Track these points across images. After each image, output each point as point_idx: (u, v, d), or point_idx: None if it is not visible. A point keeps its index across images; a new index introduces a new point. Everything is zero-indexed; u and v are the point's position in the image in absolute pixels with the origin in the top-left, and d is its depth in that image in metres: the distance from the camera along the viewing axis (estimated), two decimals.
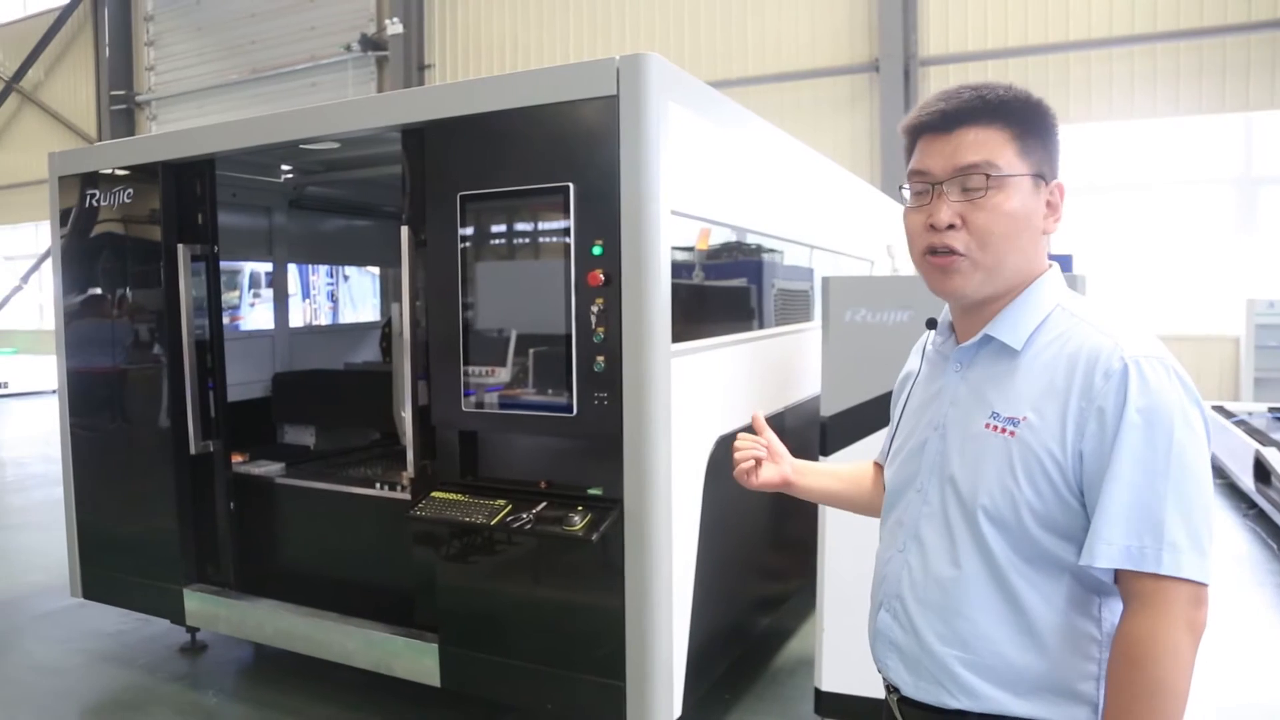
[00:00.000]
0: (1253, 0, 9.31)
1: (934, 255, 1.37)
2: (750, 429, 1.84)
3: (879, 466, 1.78)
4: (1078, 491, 1.29)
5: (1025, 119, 1.35)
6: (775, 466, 1.77)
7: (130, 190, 4.12)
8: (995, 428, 1.34)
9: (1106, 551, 1.23)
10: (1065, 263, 4.36)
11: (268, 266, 5.56)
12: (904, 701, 1.47)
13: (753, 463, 1.76)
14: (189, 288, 3.99)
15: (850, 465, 1.90)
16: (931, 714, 1.42)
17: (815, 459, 3.51)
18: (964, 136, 1.34)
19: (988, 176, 1.32)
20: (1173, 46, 9.63)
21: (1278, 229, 9.97)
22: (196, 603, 4.09)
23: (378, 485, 3.90)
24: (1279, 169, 9.98)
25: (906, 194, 1.42)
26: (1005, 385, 1.36)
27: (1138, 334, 1.30)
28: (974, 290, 1.37)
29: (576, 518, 2.96)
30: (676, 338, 3.01)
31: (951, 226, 1.34)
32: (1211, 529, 1.24)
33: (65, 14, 18.33)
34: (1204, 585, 1.23)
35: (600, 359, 2.93)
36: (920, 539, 1.44)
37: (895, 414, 1.63)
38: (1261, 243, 10.01)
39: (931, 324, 1.56)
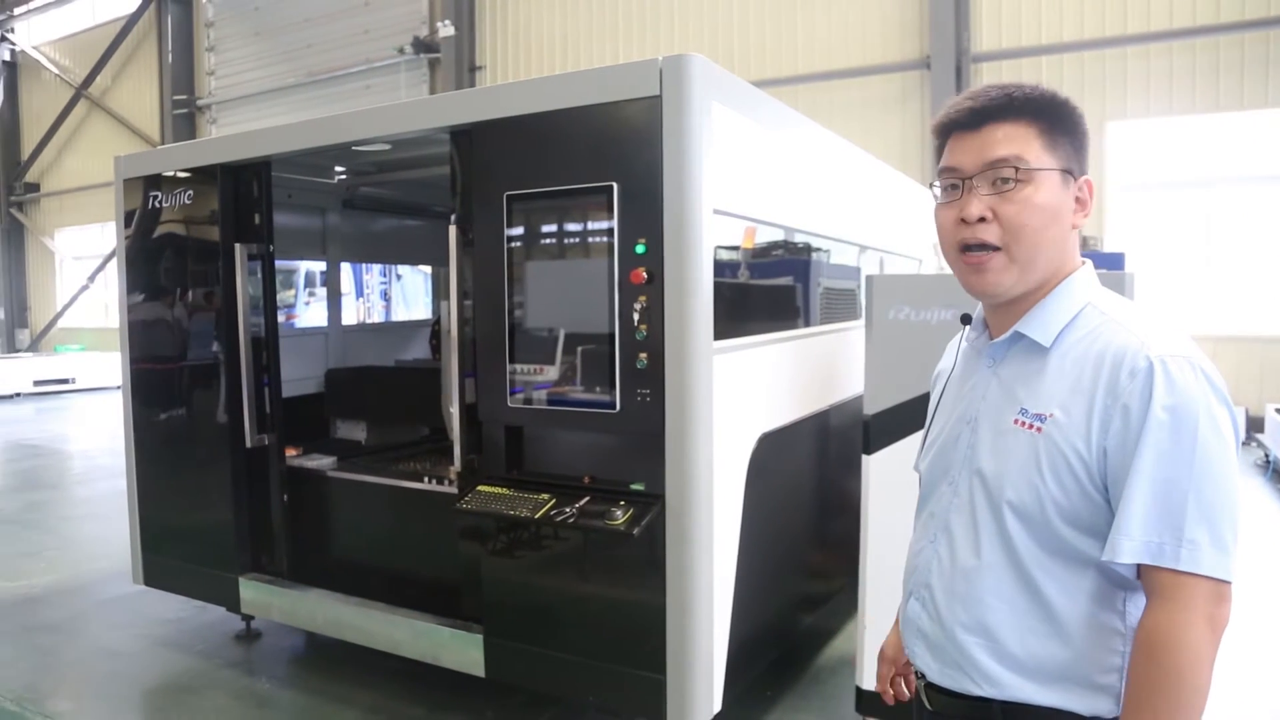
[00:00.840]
0: None
1: (967, 253, 1.40)
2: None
3: None
4: (1102, 488, 1.30)
5: (1052, 115, 1.38)
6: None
7: (190, 192, 4.26)
8: (1023, 424, 1.36)
9: (1128, 547, 1.24)
10: (1117, 261, 4.29)
11: (323, 266, 5.69)
12: (930, 687, 1.51)
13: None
14: (245, 286, 4.11)
15: None
16: (956, 700, 1.45)
17: (859, 458, 3.50)
18: (993, 133, 1.37)
19: (1016, 170, 1.35)
20: (1236, 39, 9.36)
21: None
22: (251, 591, 4.22)
23: (426, 479, 3.98)
24: None
25: (937, 191, 1.46)
26: (1034, 382, 1.38)
27: (1166, 333, 1.31)
28: (1008, 287, 1.39)
29: (619, 512, 2.99)
30: (719, 335, 3.03)
31: (982, 220, 1.37)
32: (1236, 527, 1.25)
33: (131, 22, 18.92)
34: (1226, 583, 1.24)
35: (643, 356, 2.96)
36: (950, 530, 1.47)
37: (931, 409, 1.66)
38: None
39: (966, 320, 1.59)
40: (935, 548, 1.49)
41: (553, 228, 3.17)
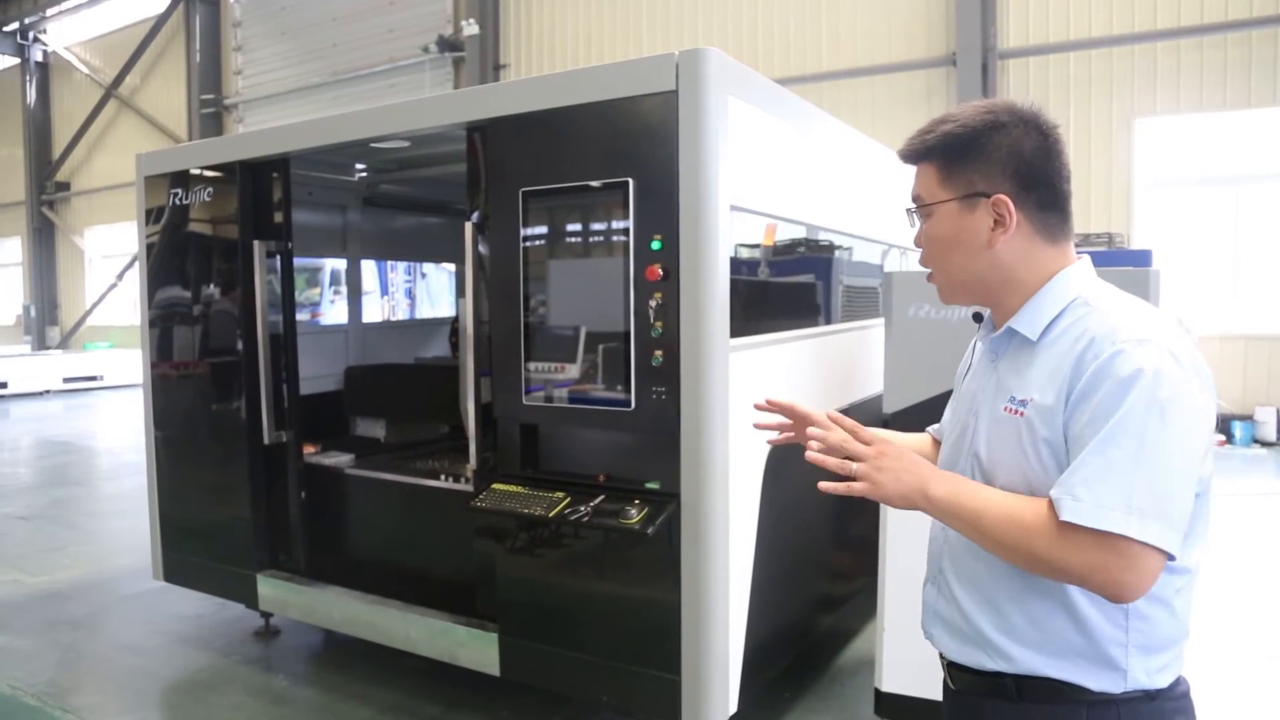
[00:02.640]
0: None
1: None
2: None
3: (935, 441, 1.86)
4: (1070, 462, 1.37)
5: (949, 152, 1.49)
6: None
7: (210, 189, 4.28)
8: (1011, 410, 1.45)
9: (1070, 506, 1.28)
10: (1144, 258, 4.21)
11: (337, 263, 5.71)
12: (952, 665, 1.58)
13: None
14: (264, 283, 4.12)
15: (908, 436, 1.95)
16: (974, 675, 1.52)
17: None
18: (916, 174, 1.57)
19: (916, 208, 1.56)
20: (1270, 33, 9.19)
21: None
22: (269, 588, 4.23)
23: (442, 477, 3.97)
24: None
25: None
26: (1022, 372, 1.46)
27: (1144, 319, 1.36)
28: (951, 301, 1.59)
29: (633, 511, 2.97)
30: (736, 333, 2.99)
31: (919, 247, 1.58)
32: (1174, 500, 1.28)
33: (160, 22, 19.14)
34: (1147, 547, 1.26)
35: (658, 353, 2.93)
36: None
37: (953, 399, 1.76)
38: None
39: (978, 318, 1.71)
40: (946, 532, 1.58)
41: (568, 224, 3.14)
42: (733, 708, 3.09)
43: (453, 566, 3.78)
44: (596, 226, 3.08)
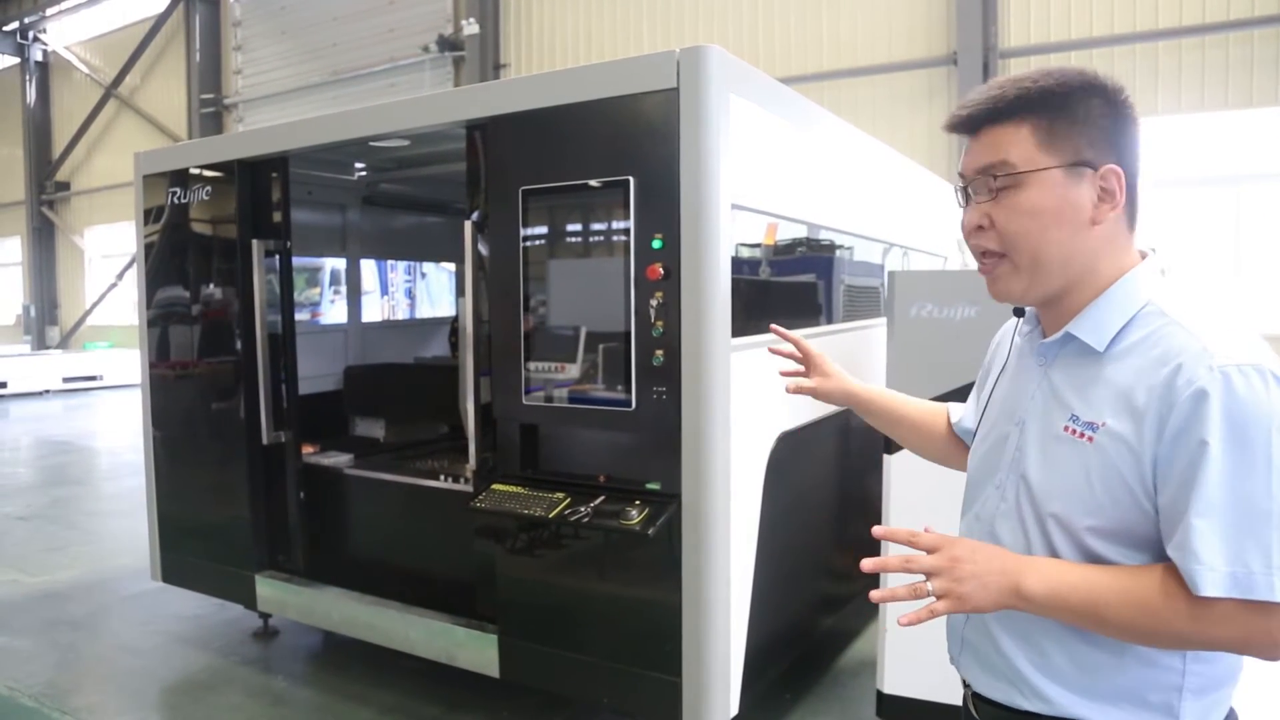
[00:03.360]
0: None
1: (979, 261, 1.37)
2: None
3: (950, 425, 1.77)
4: (1156, 499, 1.22)
5: (1052, 109, 1.28)
6: (827, 380, 1.83)
7: (209, 188, 4.26)
8: (1074, 432, 1.28)
9: (1212, 579, 1.14)
10: None
11: (336, 263, 5.70)
12: (978, 698, 1.45)
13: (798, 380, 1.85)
14: (263, 283, 4.10)
15: (920, 402, 1.86)
16: (1003, 712, 1.39)
17: (880, 458, 3.44)
18: (984, 138, 1.33)
19: (999, 177, 1.30)
20: (1273, 33, 9.16)
21: None
22: (267, 589, 4.21)
23: (442, 477, 3.95)
24: None
25: (959, 198, 1.42)
26: (1087, 388, 1.29)
27: (1234, 338, 1.20)
28: (1020, 294, 1.34)
29: (633, 512, 2.95)
30: (737, 332, 2.97)
31: (981, 228, 1.33)
32: None
33: (159, 22, 19.11)
34: None
35: (659, 353, 2.91)
36: (995, 536, 1.39)
37: (982, 397, 1.58)
38: None
39: (1019, 313, 1.50)
40: None
41: (568, 223, 3.13)
42: (734, 710, 3.07)
43: (451, 567, 3.77)
44: (597, 225, 3.06)
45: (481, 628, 3.49)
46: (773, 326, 1.88)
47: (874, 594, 1.28)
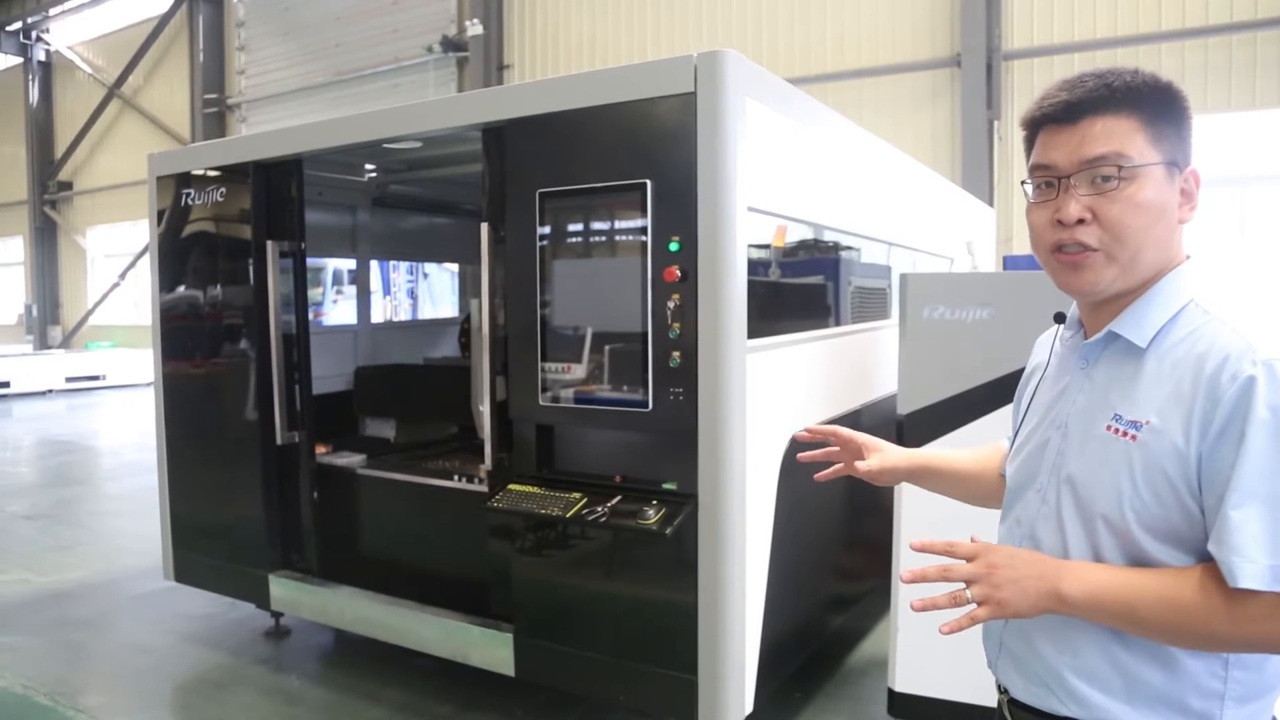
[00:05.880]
0: None
1: (1062, 252, 1.31)
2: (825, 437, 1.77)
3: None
4: (1200, 497, 1.22)
5: (1155, 105, 1.28)
6: (885, 456, 1.71)
7: (223, 189, 4.28)
8: (1117, 430, 1.28)
9: (1252, 571, 1.14)
10: None
11: (350, 264, 5.72)
12: (1014, 703, 1.44)
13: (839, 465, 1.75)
14: (277, 284, 4.12)
15: (970, 453, 1.78)
16: (1040, 718, 1.39)
17: None
18: (1090, 127, 1.27)
19: (1120, 168, 1.25)
20: (1274, 35, 9.19)
21: None
22: (281, 588, 4.23)
23: (456, 477, 3.97)
24: None
25: (1029, 190, 1.36)
26: (1129, 386, 1.29)
27: (1275, 335, 1.21)
28: (1106, 286, 1.30)
29: (651, 512, 2.97)
30: (752, 334, 3.00)
31: (1081, 221, 1.27)
32: None
33: (163, 22, 19.13)
34: None
35: (676, 354, 2.94)
36: (1036, 540, 1.39)
37: (1020, 409, 1.58)
38: None
39: (1060, 318, 1.49)
40: None
41: (586, 226, 3.15)
42: (749, 708, 3.09)
43: (465, 567, 3.79)
44: (614, 228, 3.08)
45: (496, 627, 3.52)
46: (806, 428, 1.78)
47: (915, 602, 1.28)
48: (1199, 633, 1.20)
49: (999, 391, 3.17)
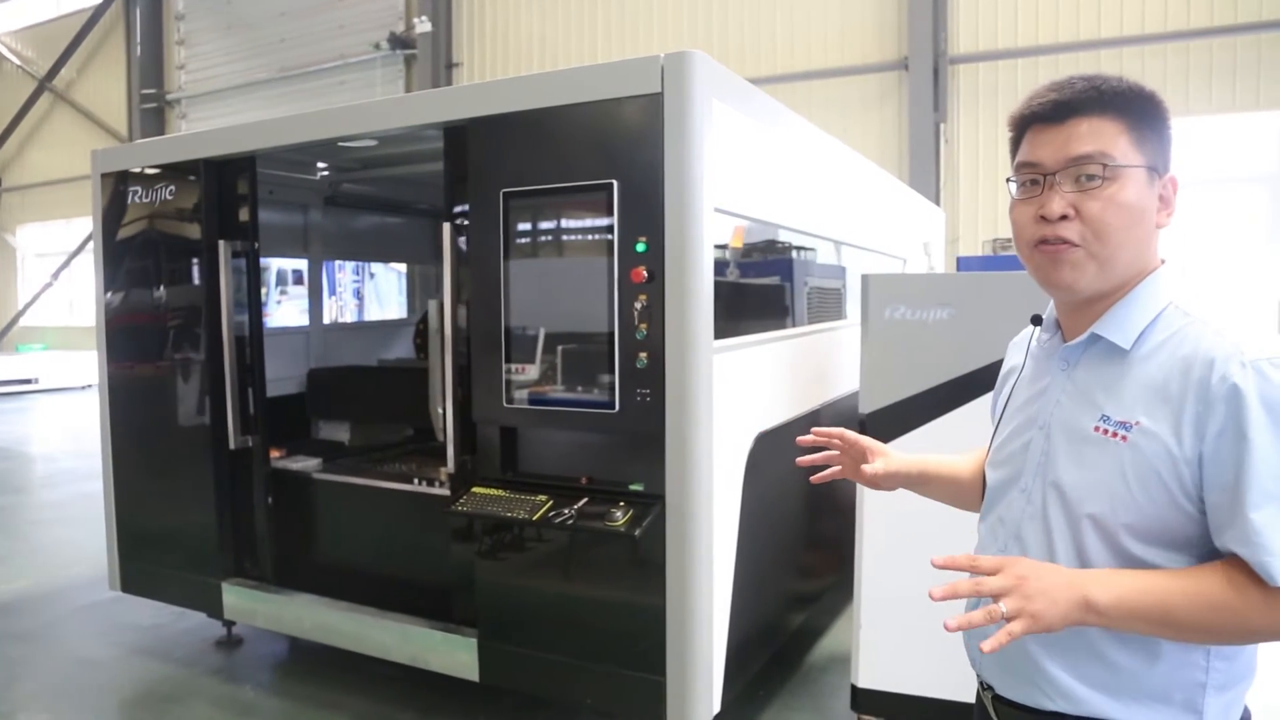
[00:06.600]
0: None
1: (1044, 244, 1.33)
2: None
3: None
4: (1196, 498, 1.25)
5: (1139, 111, 1.32)
6: (889, 460, 1.69)
7: (172, 187, 4.16)
8: (1107, 431, 1.30)
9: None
10: None
11: (294, 264, 5.60)
12: (998, 700, 1.46)
13: (838, 468, 1.74)
14: (230, 284, 4.02)
15: (964, 459, 1.77)
16: (1027, 714, 1.41)
17: None
18: (1077, 127, 1.31)
19: (1104, 166, 1.29)
20: (1205, 43, 9.49)
21: None
22: (235, 597, 4.13)
23: (415, 480, 3.92)
24: None
25: (1013, 187, 1.40)
26: (1115, 387, 1.32)
27: (1258, 335, 1.25)
28: (1086, 284, 1.33)
29: (619, 513, 2.96)
30: (718, 334, 3.01)
31: (1064, 218, 1.30)
32: None
33: (98, 13, 18.54)
34: None
35: (643, 355, 2.93)
36: (1022, 539, 1.41)
37: (997, 410, 1.60)
38: None
39: (1037, 320, 1.52)
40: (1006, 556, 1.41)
41: (551, 226, 3.13)
42: (717, 707, 3.10)
43: (425, 571, 3.74)
44: (580, 228, 3.07)
45: (459, 631, 3.47)
46: (813, 430, 1.75)
47: (949, 622, 1.25)
48: (1235, 629, 1.22)
49: (960, 390, 3.23)
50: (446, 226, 3.34)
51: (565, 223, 3.09)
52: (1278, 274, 9.71)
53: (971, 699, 1.61)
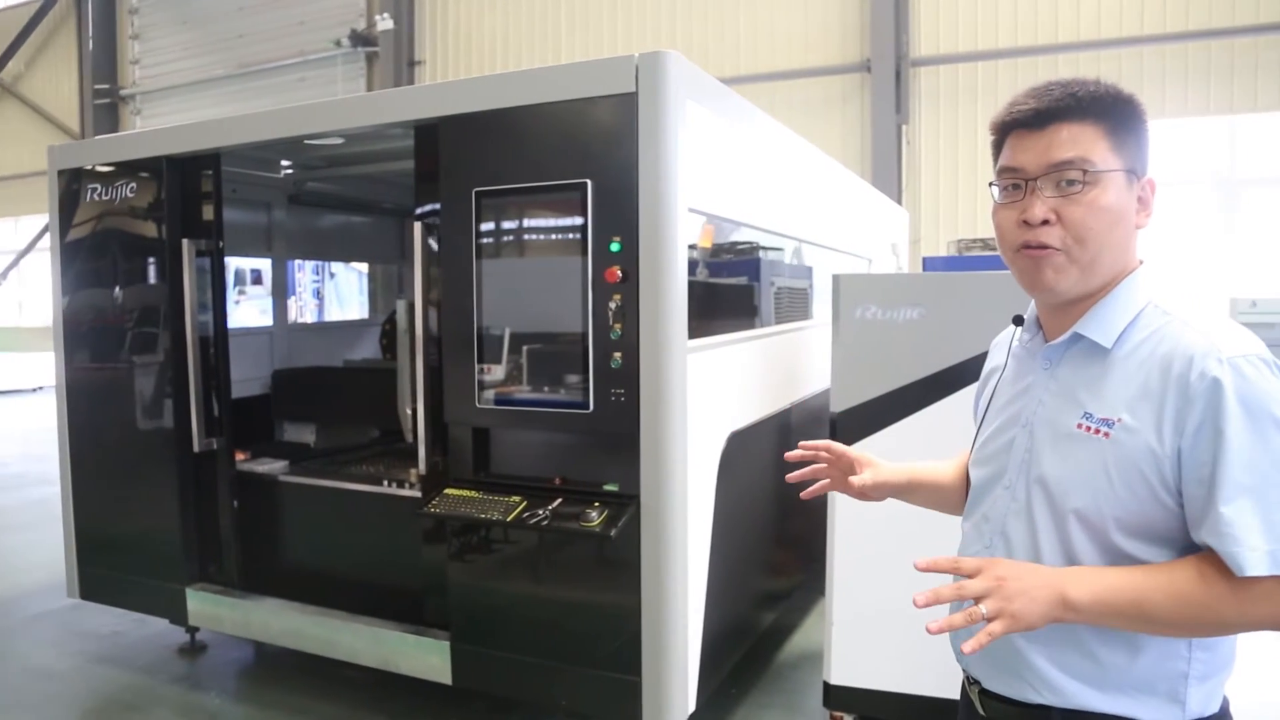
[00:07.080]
0: (1237, 5, 9.41)
1: (1027, 249, 1.36)
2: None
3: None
4: (1176, 492, 1.28)
5: (1117, 115, 1.35)
6: (878, 472, 1.69)
7: (132, 185, 4.07)
8: (1089, 428, 1.33)
9: (1253, 559, 1.20)
10: None
11: (254, 263, 5.50)
12: (985, 694, 1.48)
13: (826, 480, 1.74)
14: (194, 284, 3.95)
15: (949, 465, 1.78)
16: (1014, 707, 1.42)
17: None
18: (1057, 133, 1.33)
19: (1084, 172, 1.31)
20: (1159, 49, 9.72)
21: (1260, 229, 10.06)
22: (199, 602, 4.05)
23: (385, 482, 3.87)
24: (1261, 170, 10.07)
25: (996, 192, 1.42)
26: (1097, 385, 1.35)
27: (1234, 332, 1.28)
28: (1068, 287, 1.36)
29: (594, 514, 2.96)
30: (692, 334, 3.01)
31: (1046, 222, 1.33)
32: None
33: (47, 5, 18.07)
34: None
35: (617, 355, 2.93)
36: (1007, 536, 1.43)
37: (979, 410, 1.62)
38: (1244, 243, 10.10)
39: (1018, 320, 1.55)
40: (991, 553, 1.45)
41: (524, 225, 3.11)
42: (692, 706, 3.10)
43: (395, 574, 3.70)
44: (554, 228, 3.05)
45: (431, 634, 3.44)
46: (800, 444, 1.75)
47: (930, 625, 1.26)
48: (1208, 622, 1.25)
49: (930, 389, 3.27)
50: (417, 226, 3.30)
51: (539, 222, 3.08)
52: (1226, 275, 9.96)
53: (944, 693, 1.63)
